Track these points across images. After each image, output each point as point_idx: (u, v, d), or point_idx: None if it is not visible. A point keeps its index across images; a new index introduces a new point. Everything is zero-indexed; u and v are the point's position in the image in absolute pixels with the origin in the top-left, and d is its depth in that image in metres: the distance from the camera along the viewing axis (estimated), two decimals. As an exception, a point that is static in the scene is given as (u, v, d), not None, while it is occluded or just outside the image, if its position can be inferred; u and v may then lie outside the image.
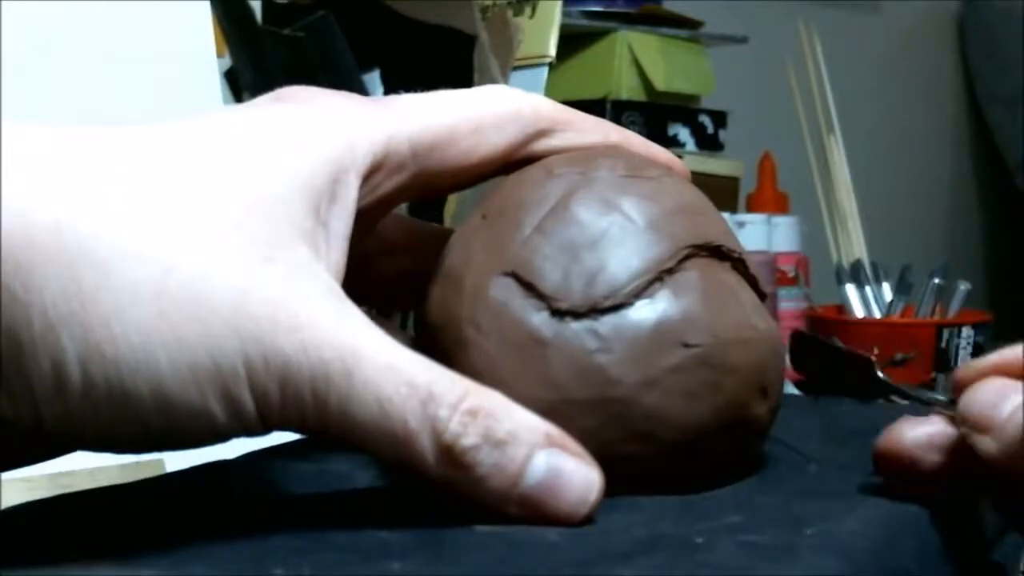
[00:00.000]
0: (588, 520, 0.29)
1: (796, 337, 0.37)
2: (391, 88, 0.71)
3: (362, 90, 0.69)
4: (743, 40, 1.02)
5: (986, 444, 0.30)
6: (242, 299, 0.27)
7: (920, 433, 0.32)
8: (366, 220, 0.33)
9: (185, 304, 0.26)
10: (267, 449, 0.38)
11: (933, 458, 0.32)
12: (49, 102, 0.54)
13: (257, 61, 0.70)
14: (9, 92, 0.51)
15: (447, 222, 0.68)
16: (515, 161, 0.35)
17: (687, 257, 0.33)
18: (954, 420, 0.31)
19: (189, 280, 0.27)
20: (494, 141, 0.34)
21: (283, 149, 0.30)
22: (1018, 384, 0.30)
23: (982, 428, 0.30)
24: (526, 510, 0.29)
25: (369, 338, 0.28)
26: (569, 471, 0.29)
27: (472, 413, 0.28)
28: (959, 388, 0.31)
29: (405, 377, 0.28)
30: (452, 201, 0.68)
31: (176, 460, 0.34)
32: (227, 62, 0.71)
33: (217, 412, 0.27)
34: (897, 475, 0.32)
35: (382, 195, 0.33)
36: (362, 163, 0.31)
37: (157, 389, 0.26)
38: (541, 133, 0.35)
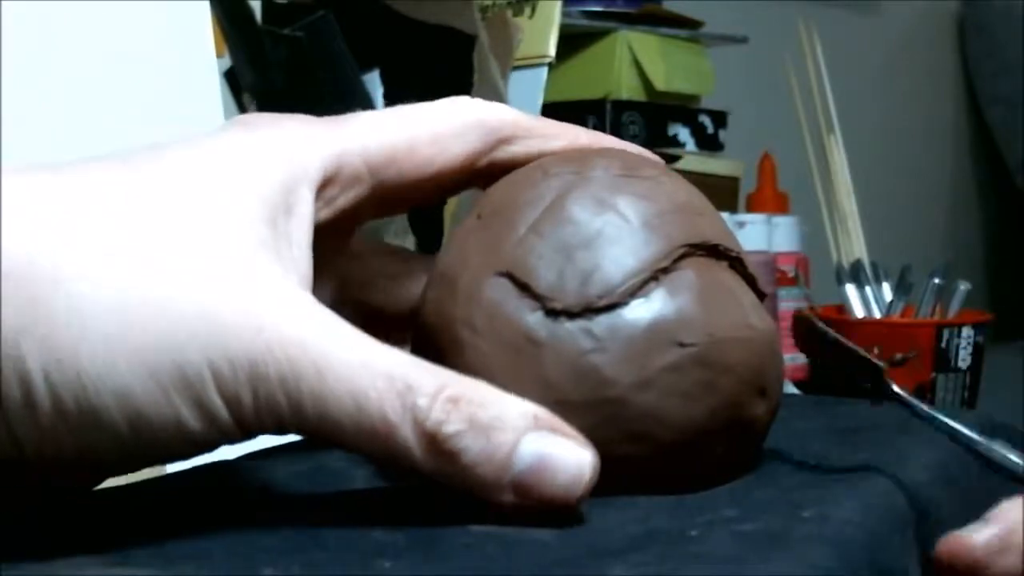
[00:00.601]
0: (584, 500, 0.29)
1: (800, 321, 0.35)
2: (391, 88, 0.71)
3: (362, 90, 0.69)
4: (743, 40, 1.02)
5: None
6: (205, 309, 0.27)
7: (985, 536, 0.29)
8: (333, 236, 0.34)
9: (147, 319, 0.27)
10: (265, 449, 0.38)
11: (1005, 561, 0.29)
12: (49, 102, 0.54)
13: (257, 61, 0.69)
14: (9, 92, 0.51)
15: (447, 222, 0.68)
16: (480, 170, 0.35)
17: (683, 256, 0.33)
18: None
19: (151, 296, 0.27)
20: (454, 151, 0.34)
21: (235, 168, 0.30)
22: None
23: None
24: (520, 496, 0.28)
25: (339, 336, 0.28)
26: (560, 453, 0.29)
27: (454, 401, 0.28)
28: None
29: (380, 370, 0.28)
30: (452, 201, 0.68)
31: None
32: (227, 62, 0.71)
33: (189, 420, 0.27)
34: None
35: (342, 208, 0.33)
36: (314, 176, 0.32)
37: (124, 400, 0.27)
38: (504, 140, 0.35)
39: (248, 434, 0.28)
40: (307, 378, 0.28)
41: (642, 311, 0.32)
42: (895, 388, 0.33)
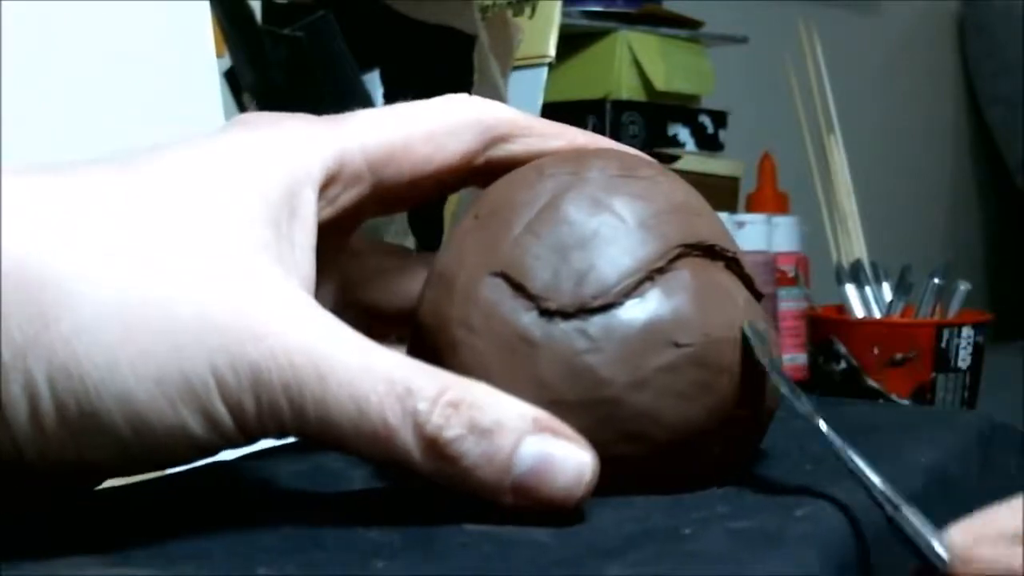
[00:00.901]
0: (584, 501, 0.29)
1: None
2: (391, 88, 0.71)
3: (362, 90, 0.69)
4: (743, 40, 1.02)
5: None
6: (205, 311, 0.27)
7: None
8: (334, 235, 0.34)
9: (148, 320, 0.27)
10: (265, 449, 0.38)
11: None
12: (49, 102, 0.54)
13: (257, 61, 0.70)
14: (9, 92, 0.51)
15: (447, 222, 0.68)
16: (478, 169, 0.35)
17: (679, 256, 0.33)
18: None
19: (151, 296, 0.27)
20: (451, 148, 0.35)
21: (236, 169, 0.30)
22: None
23: None
24: (521, 498, 0.29)
25: (340, 339, 0.28)
26: (560, 455, 0.29)
27: (454, 405, 0.28)
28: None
29: (381, 375, 0.28)
30: (452, 201, 0.68)
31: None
32: (227, 62, 0.71)
33: (193, 426, 0.27)
34: None
35: (344, 207, 0.33)
36: (317, 176, 0.32)
37: (127, 406, 0.27)
38: (501, 139, 0.35)
39: (250, 439, 0.29)
40: (309, 383, 0.28)
41: (637, 311, 0.32)
42: (823, 428, 0.31)
